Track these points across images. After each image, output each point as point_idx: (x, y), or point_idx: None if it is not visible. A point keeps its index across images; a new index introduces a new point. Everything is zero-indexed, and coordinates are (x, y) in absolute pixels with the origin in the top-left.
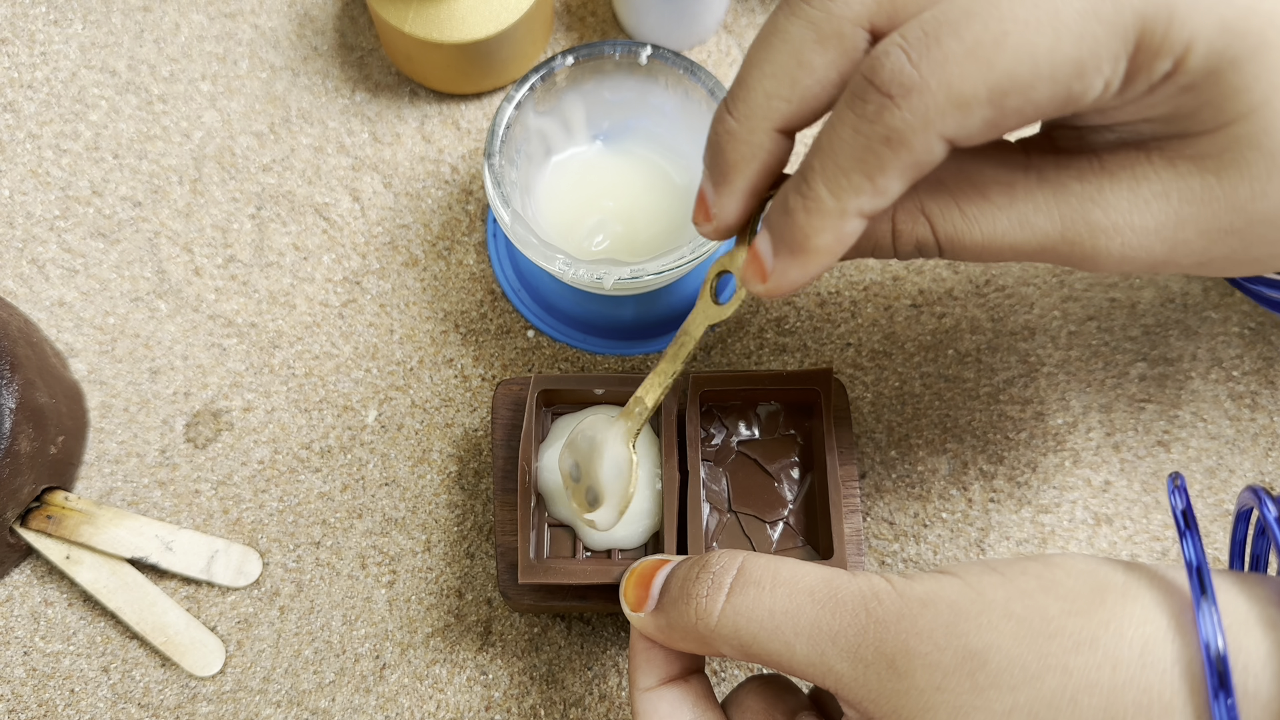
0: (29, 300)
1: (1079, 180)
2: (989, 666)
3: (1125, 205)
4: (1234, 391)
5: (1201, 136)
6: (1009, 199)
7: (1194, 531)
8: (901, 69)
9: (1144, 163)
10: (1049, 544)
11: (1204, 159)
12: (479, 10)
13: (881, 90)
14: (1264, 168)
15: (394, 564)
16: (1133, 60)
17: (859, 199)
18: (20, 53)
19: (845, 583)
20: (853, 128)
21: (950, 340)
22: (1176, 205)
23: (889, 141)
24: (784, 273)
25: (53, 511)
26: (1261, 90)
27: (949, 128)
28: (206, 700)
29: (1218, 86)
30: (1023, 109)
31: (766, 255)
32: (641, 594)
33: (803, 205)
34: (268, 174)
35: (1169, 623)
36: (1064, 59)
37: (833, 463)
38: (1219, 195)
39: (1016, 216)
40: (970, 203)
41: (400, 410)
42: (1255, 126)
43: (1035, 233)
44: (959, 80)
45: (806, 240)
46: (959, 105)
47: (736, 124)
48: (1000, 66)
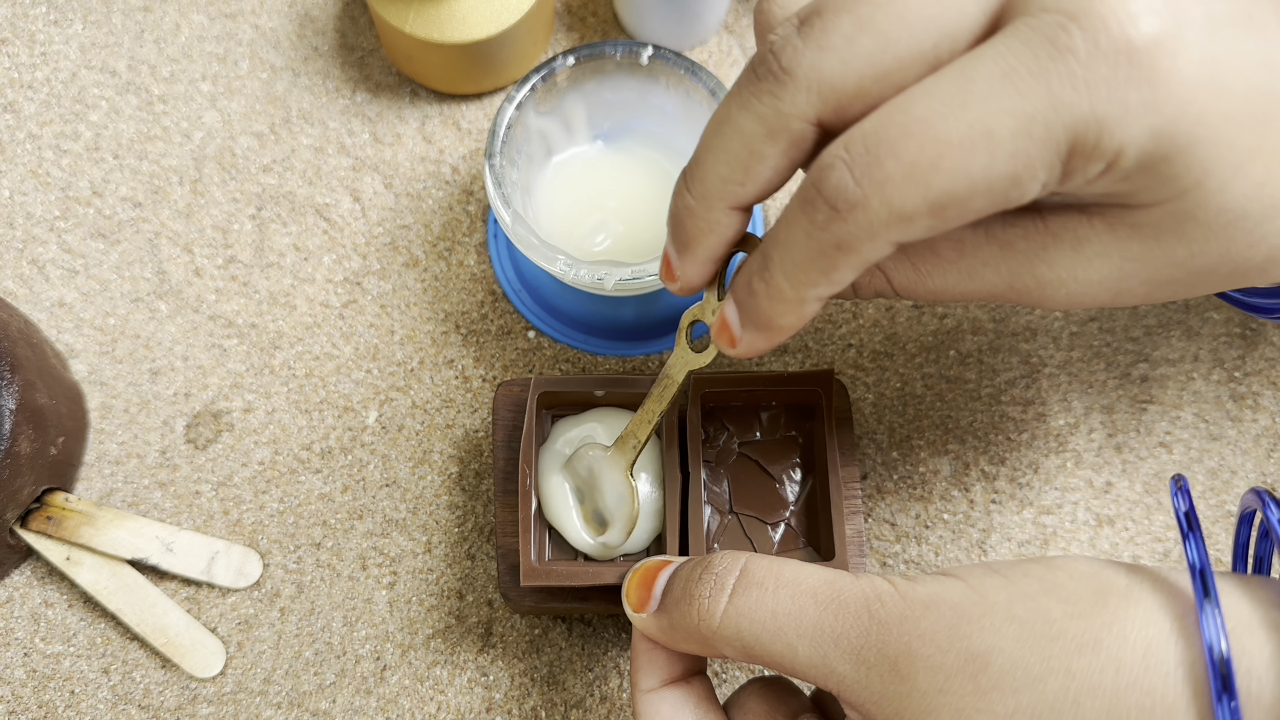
0: (29, 301)
1: (1024, 239)
2: (991, 669)
3: (1069, 262)
4: (1236, 393)
5: (1139, 209)
6: (958, 255)
7: (1197, 533)
8: (844, 185)
9: (1086, 226)
10: (1051, 545)
11: (1142, 227)
12: (480, 10)
13: (828, 203)
14: (1200, 235)
15: (395, 565)
16: (1066, 164)
17: (816, 289)
18: (20, 53)
19: (848, 584)
20: (805, 232)
21: (952, 341)
22: (1118, 263)
23: (839, 248)
24: (751, 344)
25: (53, 513)
26: (1194, 175)
27: (893, 236)
28: (207, 702)
29: (1151, 176)
30: (963, 215)
31: (735, 325)
32: (644, 595)
33: (765, 292)
34: (268, 174)
35: (1172, 625)
36: (999, 175)
37: (834, 464)
38: (1158, 255)
39: (966, 269)
40: (922, 260)
41: (401, 411)
42: (1190, 204)
43: (984, 284)
44: (899, 199)
45: (770, 321)
46: (901, 220)
47: (695, 202)
48: (938, 186)
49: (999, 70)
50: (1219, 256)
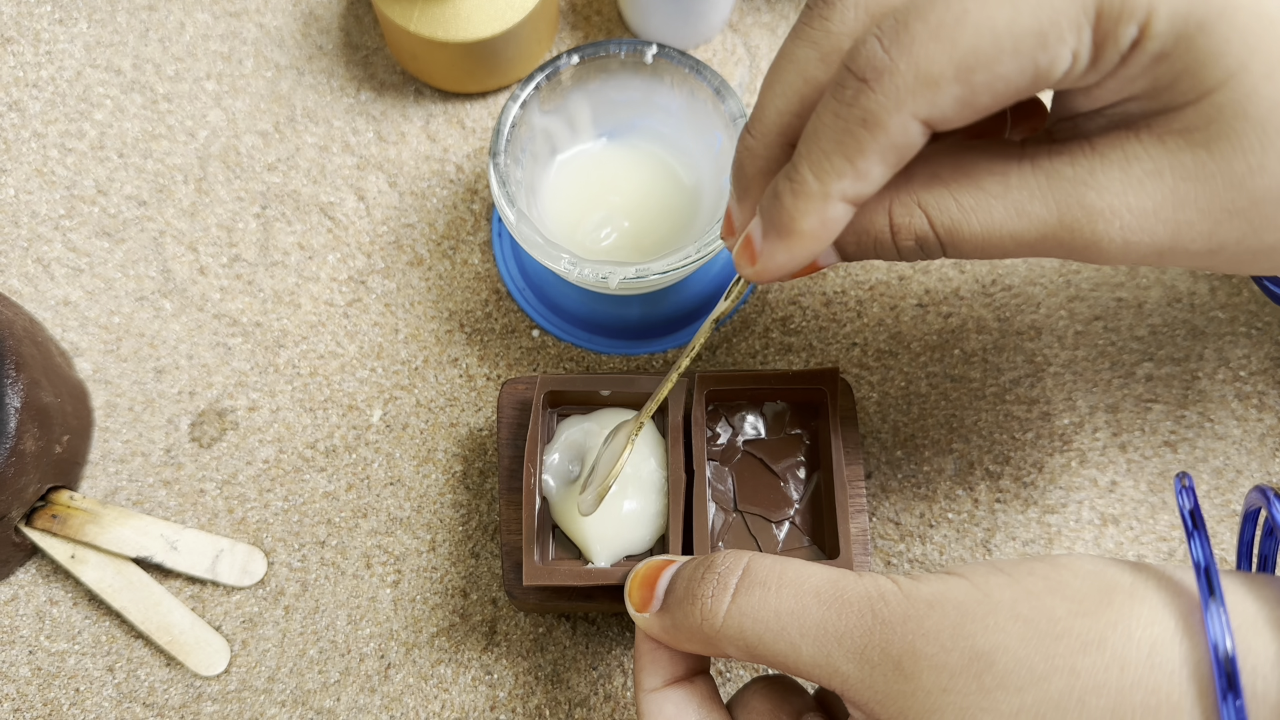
0: (34, 299)
1: (1071, 165)
2: (996, 668)
3: (1119, 186)
4: (1241, 392)
5: (1185, 109)
6: (1003, 187)
7: (1201, 532)
8: (874, 54)
9: (1133, 141)
10: (1055, 544)
11: (1191, 132)
12: (484, 9)
13: (857, 75)
14: (1255, 138)
15: (399, 563)
16: (1096, 28)
17: (841, 182)
18: (25, 52)
19: (851, 584)
20: (833, 113)
21: (956, 340)
22: (1171, 183)
23: (865, 123)
24: (771, 255)
25: (58, 511)
26: (1235, 54)
27: (921, 107)
28: (211, 700)
29: (1190, 53)
30: (992, 84)
31: (757, 238)
32: (646, 594)
33: (789, 189)
34: (273, 173)
35: (1177, 624)
36: (1025, 30)
37: (839, 462)
38: (1213, 170)
39: (1012, 205)
40: (965, 193)
41: (405, 410)
42: (1237, 93)
43: (1033, 220)
44: (925, 60)
45: (793, 222)
46: (928, 84)
47: (754, 140)
48: (963, 43)
49: None
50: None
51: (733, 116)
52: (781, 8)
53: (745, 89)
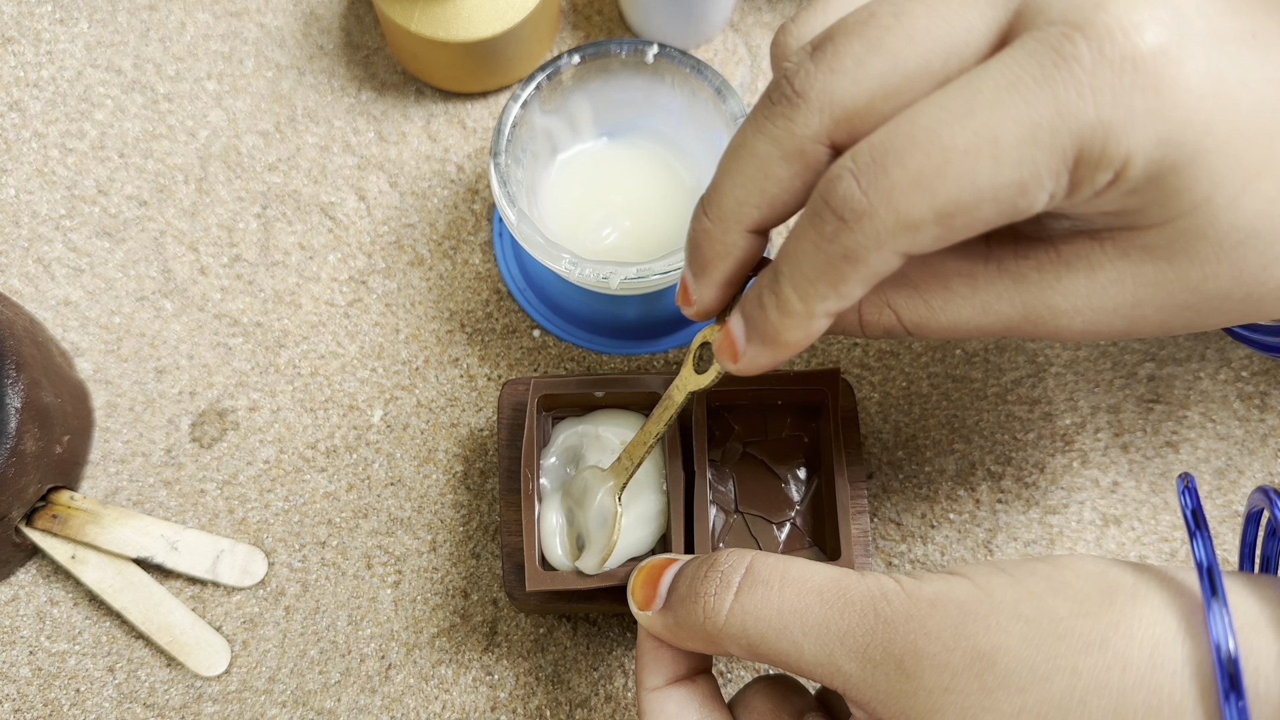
0: (35, 299)
1: (1038, 270)
2: (998, 667)
3: (1083, 291)
4: (1243, 392)
5: (1150, 229)
6: (970, 289)
7: (1204, 532)
8: (852, 195)
9: (1098, 252)
10: (1057, 545)
11: (1154, 249)
12: (485, 9)
13: (835, 214)
14: (1212, 254)
15: (399, 564)
16: (1074, 174)
17: (825, 303)
18: (26, 51)
19: (854, 583)
20: (813, 244)
21: (957, 340)
22: (1132, 289)
23: (847, 258)
24: (755, 358)
25: (58, 511)
26: (1203, 189)
27: (900, 246)
28: (212, 700)
29: (1161, 188)
30: (971, 225)
31: (740, 338)
32: (649, 593)
33: (774, 304)
34: (273, 173)
35: (1179, 624)
36: (1005, 182)
37: (840, 464)
38: (1171, 279)
39: (979, 304)
40: (934, 294)
41: (406, 410)
42: (1200, 220)
43: (999, 318)
44: (906, 208)
45: (778, 335)
46: (907, 228)
47: (711, 225)
48: (944, 194)
49: (1005, 80)
50: (1232, 279)
51: (734, 116)
52: (782, 8)
53: (746, 89)
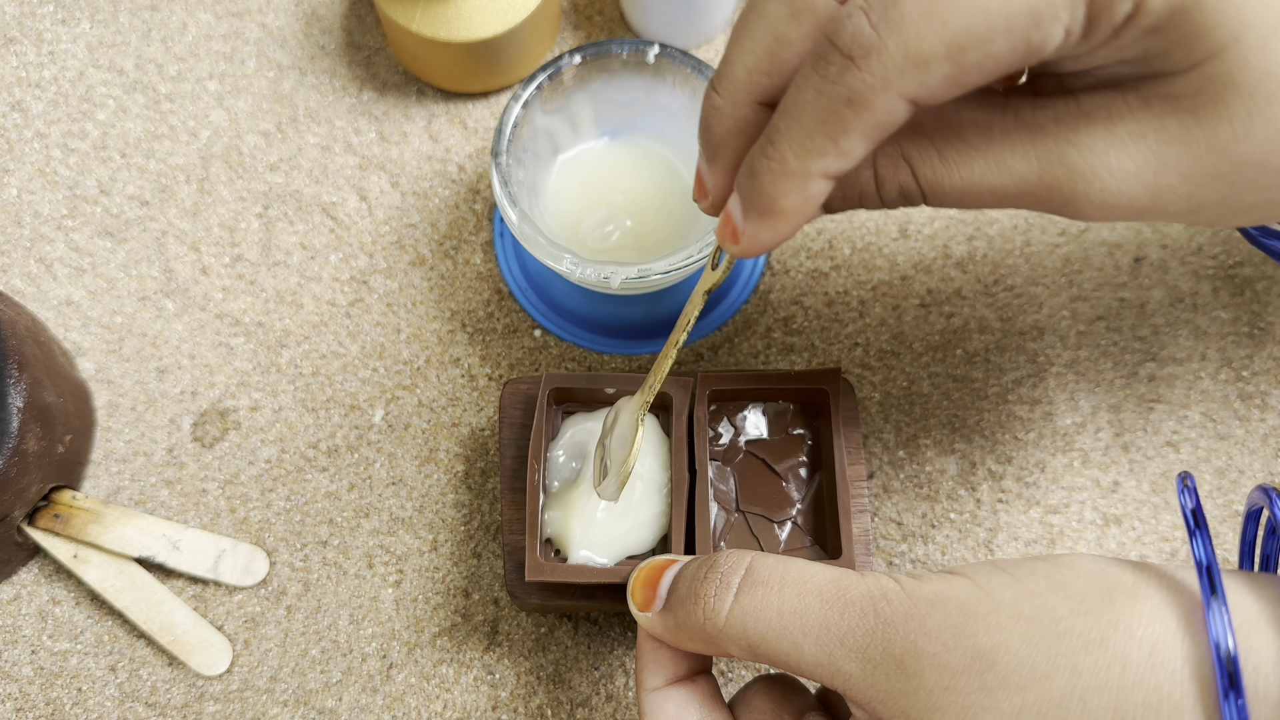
0: (37, 299)
1: (1055, 121)
2: (998, 666)
3: (1101, 146)
4: (1244, 392)
5: (1175, 76)
6: (986, 141)
7: (1204, 531)
8: (861, 30)
9: (1120, 103)
10: (1057, 545)
11: (1179, 99)
12: (486, 9)
13: (843, 52)
14: (1242, 107)
15: (401, 563)
16: (1090, 4)
17: (823, 160)
18: (28, 52)
19: (854, 583)
20: (816, 89)
21: (959, 340)
22: (1155, 147)
23: (851, 103)
24: (754, 234)
25: (60, 510)
26: (1229, 26)
27: (909, 87)
28: (213, 699)
29: (1184, 25)
30: (983, 63)
31: (737, 217)
32: (649, 594)
33: (768, 167)
34: (275, 173)
35: (1178, 622)
36: (1019, 10)
37: (841, 463)
38: (1198, 137)
39: (994, 159)
40: (948, 146)
41: (407, 410)
42: (1228, 64)
43: (1013, 176)
44: (916, 39)
45: (773, 202)
46: (918, 64)
47: (721, 100)
48: (955, 23)
49: None
50: (1267, 142)
51: None
52: None
53: None
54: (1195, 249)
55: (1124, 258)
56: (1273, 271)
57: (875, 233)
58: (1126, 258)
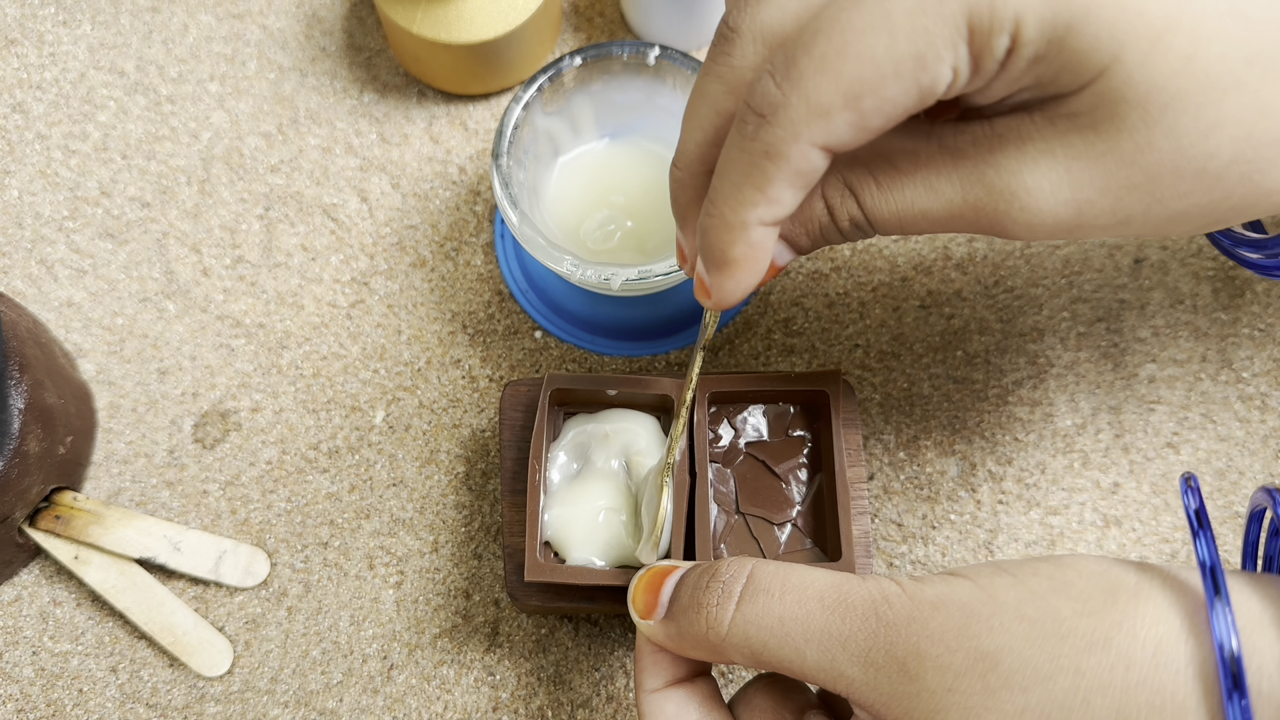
0: (38, 301)
1: (974, 145)
2: (1001, 668)
3: (1015, 165)
4: (1244, 393)
5: (1070, 97)
6: (914, 167)
7: (1207, 531)
8: (768, 91)
9: (1028, 124)
10: (1058, 546)
11: (1078, 116)
12: (487, 11)
13: (755, 111)
14: (1138, 119)
15: (401, 565)
16: (970, 44)
17: (755, 210)
18: (29, 53)
19: (855, 587)
20: (738, 148)
21: (959, 341)
22: (1065, 163)
23: (769, 155)
24: (720, 286)
25: (61, 512)
26: (1106, 47)
27: (817, 136)
28: (214, 700)
29: (1063, 53)
30: (880, 107)
31: (703, 273)
32: (651, 601)
33: (710, 224)
34: (276, 175)
35: (1182, 623)
36: (902, 54)
37: (841, 465)
38: (1103, 150)
39: (923, 184)
40: (883, 174)
41: (408, 411)
42: (1114, 81)
43: (940, 199)
44: (814, 92)
45: (723, 254)
46: (820, 114)
47: (680, 172)
48: (847, 74)
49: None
50: (1172, 150)
51: None
52: None
53: None
54: (1195, 250)
55: (1124, 259)
56: None
57: None
58: (1126, 259)
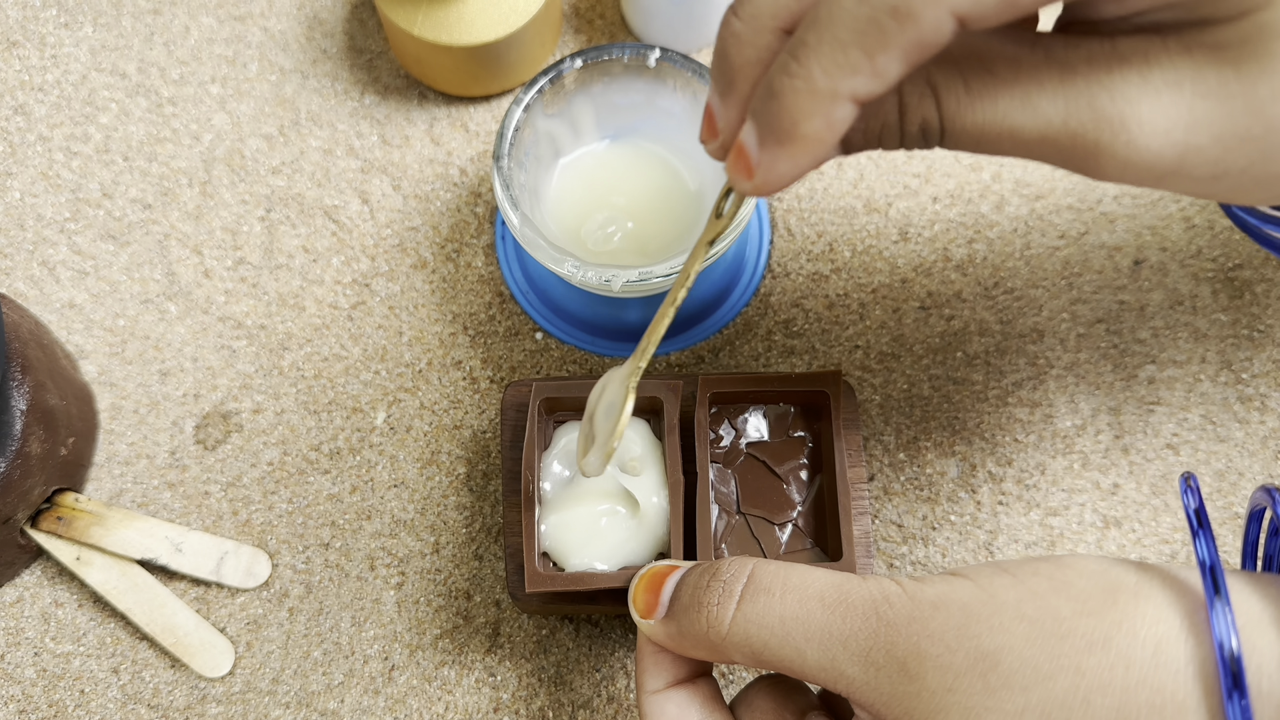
0: (40, 302)
1: (1087, 62)
2: (1001, 667)
3: (1134, 92)
4: (1243, 394)
5: (1221, 24)
6: (1014, 75)
7: (1207, 531)
8: None
9: (1159, 47)
10: (1058, 546)
11: (1222, 49)
12: (488, 13)
13: None
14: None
15: (403, 566)
16: None
17: (854, 79)
18: (31, 55)
19: (855, 587)
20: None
21: (959, 342)
22: (1190, 99)
23: (896, 14)
24: (771, 165)
25: (63, 513)
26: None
27: (962, 2)
28: (216, 701)
29: None
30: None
31: (752, 147)
32: (651, 600)
33: (791, 86)
34: (277, 176)
35: (1182, 622)
36: None
37: (841, 465)
38: (1236, 92)
39: (1020, 95)
40: (976, 78)
41: (409, 412)
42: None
43: (1038, 116)
44: None
45: (795, 126)
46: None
47: (742, 25)
48: None
49: None
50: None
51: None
52: None
53: None
54: (1195, 251)
55: (1124, 260)
56: (1272, 274)
57: (875, 235)
58: (1126, 260)
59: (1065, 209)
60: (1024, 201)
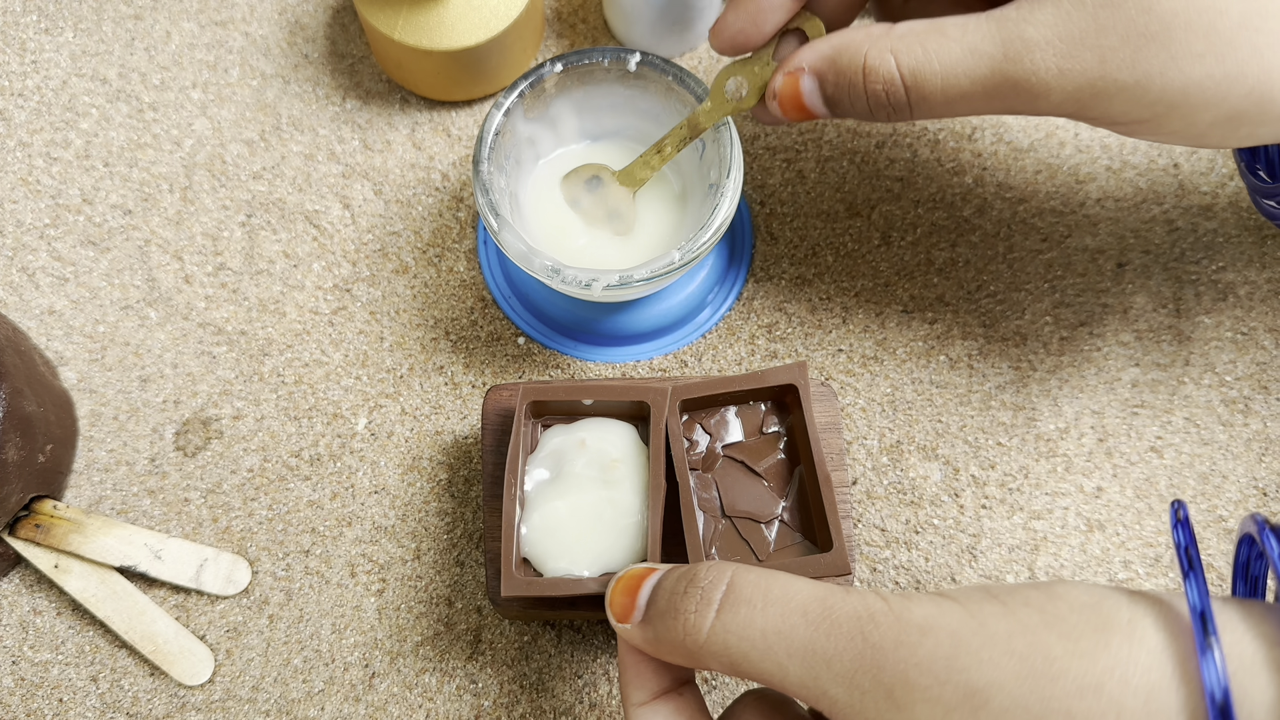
0: (18, 309)
1: (1016, 8)
2: (991, 705)
3: (1050, 18)
4: (1227, 397)
5: None
6: (961, 32)
7: (1198, 573)
8: None
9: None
10: (1041, 550)
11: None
12: (469, 18)
13: None
14: None
15: (383, 572)
16: None
17: None
18: (11, 61)
19: (839, 602)
20: None
21: (942, 346)
22: (1092, 10)
23: None
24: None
25: (41, 520)
26: None
27: None
28: (195, 709)
29: None
30: None
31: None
32: (627, 604)
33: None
34: (258, 182)
35: (1174, 669)
36: None
37: (819, 454)
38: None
39: (968, 45)
40: (931, 39)
41: (390, 418)
42: None
43: (983, 58)
44: None
45: None
46: None
47: None
48: None
49: None
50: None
51: (716, 124)
52: None
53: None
54: (1178, 254)
55: (1107, 263)
56: (1255, 277)
57: (858, 239)
58: (1109, 263)
59: (1048, 212)
60: (1006, 205)
